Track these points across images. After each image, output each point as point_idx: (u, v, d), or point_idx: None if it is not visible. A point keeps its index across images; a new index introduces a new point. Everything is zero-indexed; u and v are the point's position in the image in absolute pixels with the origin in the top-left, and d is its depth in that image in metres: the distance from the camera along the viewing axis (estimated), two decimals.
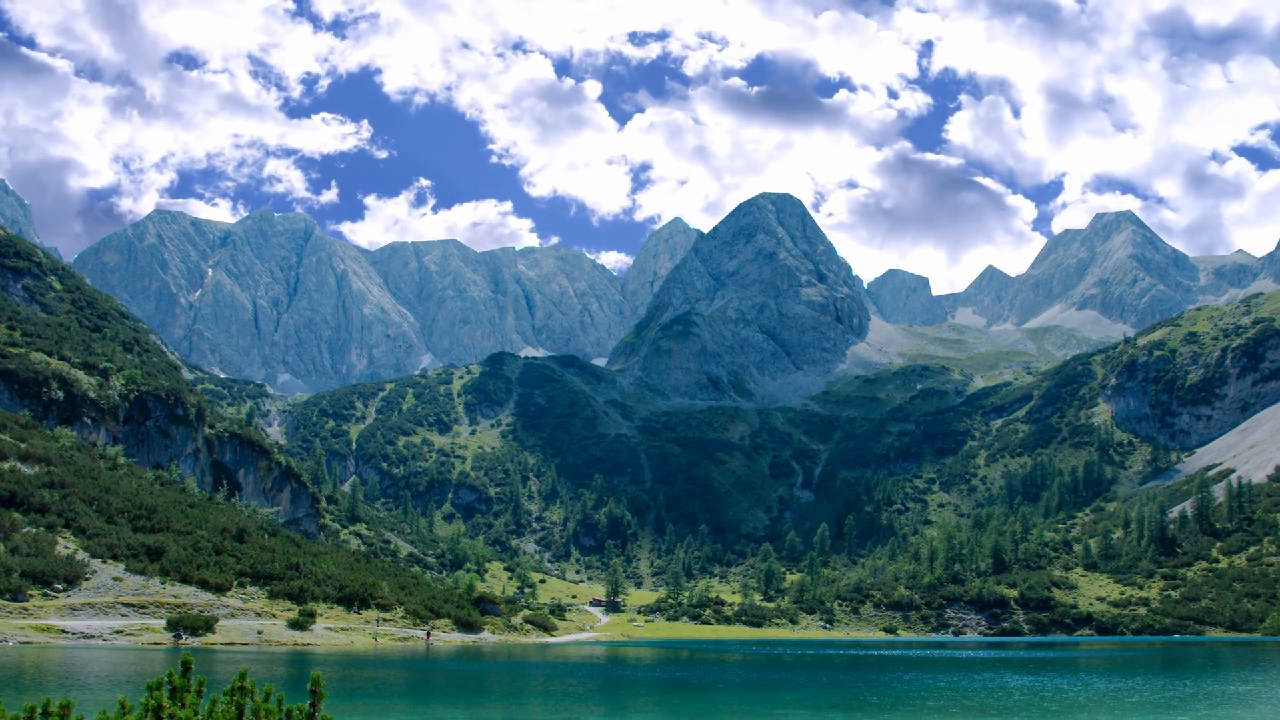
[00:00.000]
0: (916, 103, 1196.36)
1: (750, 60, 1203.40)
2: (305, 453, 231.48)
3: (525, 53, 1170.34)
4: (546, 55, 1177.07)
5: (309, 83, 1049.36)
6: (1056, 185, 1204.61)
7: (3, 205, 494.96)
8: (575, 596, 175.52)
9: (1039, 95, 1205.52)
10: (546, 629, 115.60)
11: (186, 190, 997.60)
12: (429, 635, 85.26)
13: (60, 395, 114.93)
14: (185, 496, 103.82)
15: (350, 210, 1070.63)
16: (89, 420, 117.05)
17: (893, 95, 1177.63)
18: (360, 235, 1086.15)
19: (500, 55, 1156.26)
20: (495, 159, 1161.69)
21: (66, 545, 74.48)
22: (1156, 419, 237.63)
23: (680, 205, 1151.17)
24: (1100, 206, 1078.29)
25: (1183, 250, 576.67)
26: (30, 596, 65.24)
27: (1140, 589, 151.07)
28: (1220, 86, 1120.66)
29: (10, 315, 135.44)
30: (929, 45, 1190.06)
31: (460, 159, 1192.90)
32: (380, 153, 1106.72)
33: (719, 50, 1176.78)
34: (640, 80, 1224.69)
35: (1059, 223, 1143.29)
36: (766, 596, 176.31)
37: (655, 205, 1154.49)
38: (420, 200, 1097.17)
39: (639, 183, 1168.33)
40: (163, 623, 65.56)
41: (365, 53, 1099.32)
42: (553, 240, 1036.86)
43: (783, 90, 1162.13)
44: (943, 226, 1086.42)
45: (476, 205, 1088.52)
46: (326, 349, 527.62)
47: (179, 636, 63.62)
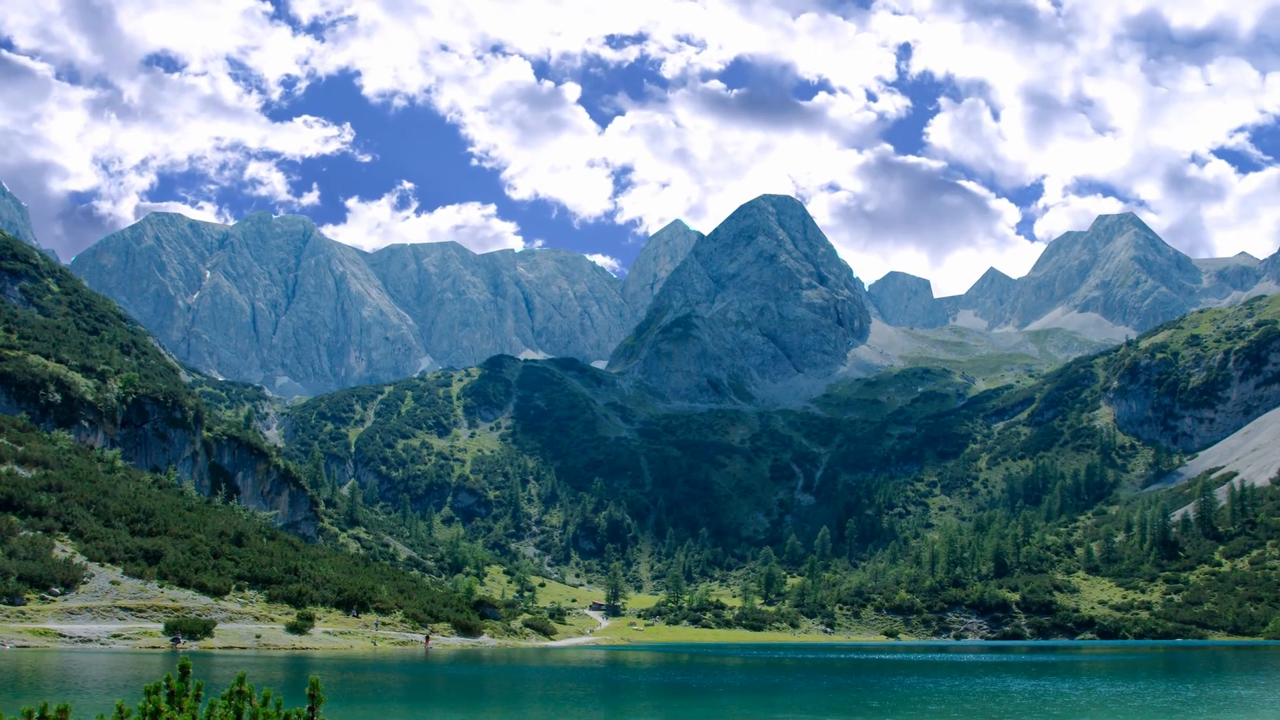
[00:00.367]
0: (895, 105, 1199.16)
1: (728, 62, 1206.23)
2: (304, 456, 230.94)
3: (505, 55, 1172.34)
4: (525, 58, 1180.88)
5: (288, 84, 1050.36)
6: (1037, 188, 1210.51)
7: (0, 207, 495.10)
8: (575, 600, 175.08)
9: (1017, 98, 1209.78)
10: (546, 633, 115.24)
11: (168, 193, 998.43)
12: (428, 639, 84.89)
13: (58, 398, 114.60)
14: (183, 500, 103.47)
15: (332, 213, 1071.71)
16: (86, 423, 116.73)
17: (871, 98, 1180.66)
18: (343, 239, 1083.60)
19: (479, 58, 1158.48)
20: (475, 161, 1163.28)
21: (64, 549, 74.22)
22: (1159, 422, 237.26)
23: (663, 208, 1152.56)
24: (1081, 209, 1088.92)
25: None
26: (27, 600, 65.05)
27: (1142, 593, 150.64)
28: (1199, 89, 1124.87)
29: (7, 317, 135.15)
30: (906, 48, 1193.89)
31: (441, 162, 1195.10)
32: (362, 156, 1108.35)
33: (697, 53, 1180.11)
34: (619, 83, 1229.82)
35: (1041, 226, 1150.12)
36: (767, 600, 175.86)
37: (637, 208, 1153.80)
38: (403, 203, 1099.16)
39: (620, 185, 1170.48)
40: (160, 626, 65.35)
41: (344, 55, 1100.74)
42: (537, 243, 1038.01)
43: (762, 92, 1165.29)
44: (925, 229, 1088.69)
45: (460, 208, 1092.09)
46: (325, 351, 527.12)
47: (177, 640, 63.52)
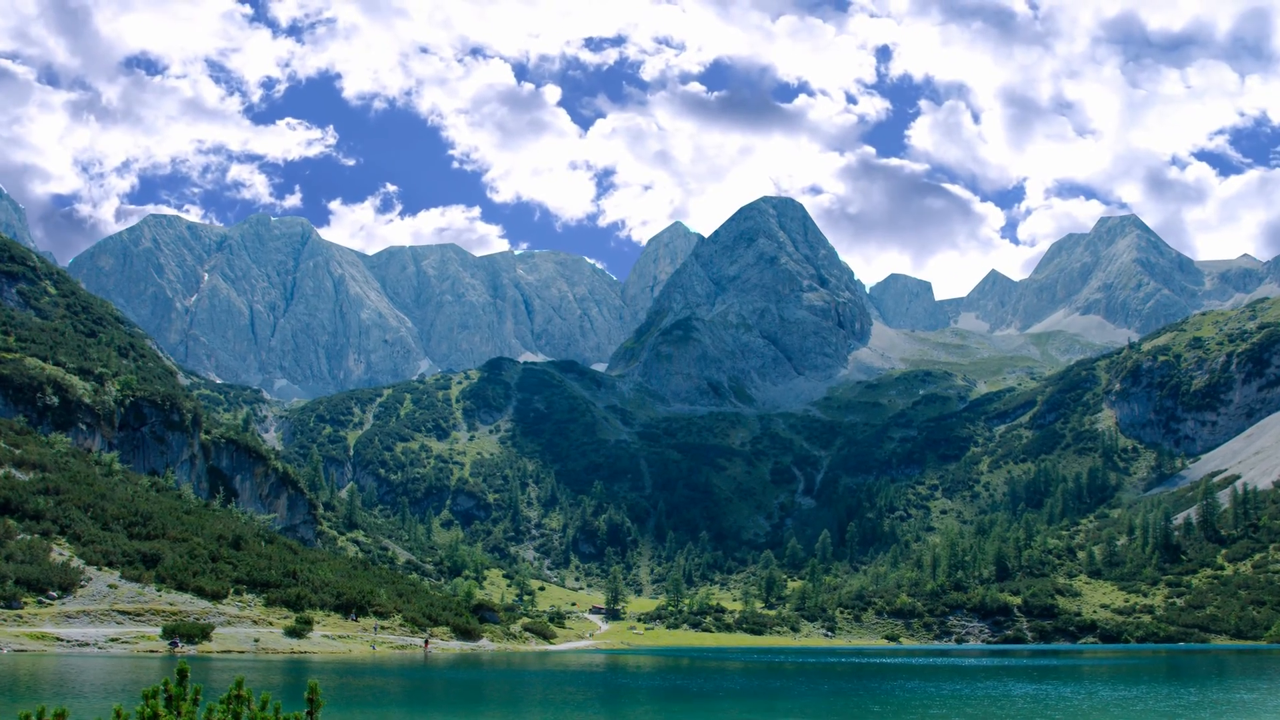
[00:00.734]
0: (875, 107, 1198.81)
1: (708, 64, 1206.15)
2: (302, 459, 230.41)
3: (485, 58, 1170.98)
4: (505, 60, 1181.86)
5: (269, 86, 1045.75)
6: (1019, 191, 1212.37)
7: None
8: (575, 604, 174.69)
9: (997, 100, 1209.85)
10: (546, 637, 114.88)
11: (150, 196, 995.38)
12: (427, 643, 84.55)
13: (55, 401, 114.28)
14: (181, 503, 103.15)
15: (316, 216, 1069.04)
16: (84, 426, 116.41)
17: (851, 100, 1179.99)
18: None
19: (460, 60, 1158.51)
20: (457, 164, 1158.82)
21: (61, 552, 74.04)
22: (1161, 425, 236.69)
23: (646, 210, 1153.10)
24: (1064, 212, 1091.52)
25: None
26: (25, 604, 64.96)
27: (1145, 596, 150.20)
28: (1179, 91, 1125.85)
29: (5, 320, 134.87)
30: (885, 50, 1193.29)
31: (423, 164, 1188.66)
32: (345, 159, 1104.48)
33: (676, 55, 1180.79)
34: (599, 85, 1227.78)
35: (1025, 229, 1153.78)
36: (768, 604, 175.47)
37: (620, 211, 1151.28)
38: (387, 206, 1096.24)
39: (603, 188, 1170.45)
40: (158, 630, 65.24)
41: (324, 57, 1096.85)
42: (523, 246, 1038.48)
43: (742, 95, 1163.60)
44: (907, 232, 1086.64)
45: (444, 211, 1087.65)
46: (324, 354, 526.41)
47: (175, 644, 63.40)
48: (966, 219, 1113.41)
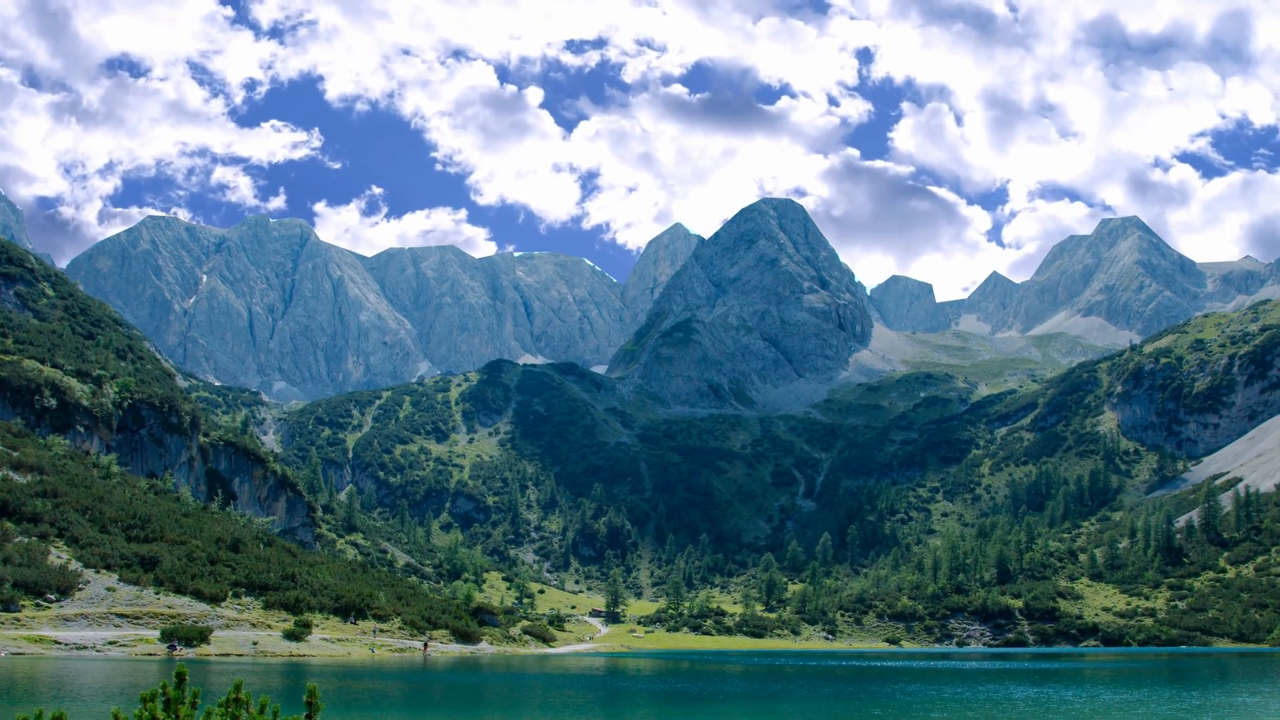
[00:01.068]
0: (857, 110, 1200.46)
1: (689, 67, 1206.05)
2: (301, 461, 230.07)
3: (468, 60, 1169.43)
4: (488, 62, 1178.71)
5: (251, 88, 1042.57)
6: (1002, 193, 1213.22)
7: None
8: (574, 607, 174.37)
9: (978, 102, 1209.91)
10: (545, 640, 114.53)
11: (134, 198, 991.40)
12: (426, 646, 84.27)
13: (53, 403, 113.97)
14: (179, 506, 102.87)
15: (302, 219, 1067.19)
16: (82, 428, 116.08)
17: (833, 102, 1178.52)
18: None
19: (442, 62, 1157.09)
20: (440, 167, 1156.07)
21: (59, 555, 73.88)
22: (1163, 427, 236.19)
23: (630, 213, 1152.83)
24: (1049, 215, 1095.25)
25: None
26: (22, 607, 64.88)
27: (1146, 599, 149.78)
28: (1160, 94, 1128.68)
29: (2, 322, 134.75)
30: (866, 52, 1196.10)
31: (407, 166, 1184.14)
32: (330, 161, 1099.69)
33: (657, 57, 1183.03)
34: (580, 87, 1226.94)
35: (1009, 232, 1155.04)
36: (768, 607, 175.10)
37: (605, 213, 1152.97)
38: (373, 208, 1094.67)
39: (587, 190, 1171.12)
40: (157, 633, 65.11)
41: (306, 59, 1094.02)
42: (509, 248, 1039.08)
43: (724, 97, 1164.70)
44: (892, 234, 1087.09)
45: (430, 213, 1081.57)
46: (323, 356, 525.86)
47: (173, 647, 63.31)
48: (952, 221, 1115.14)
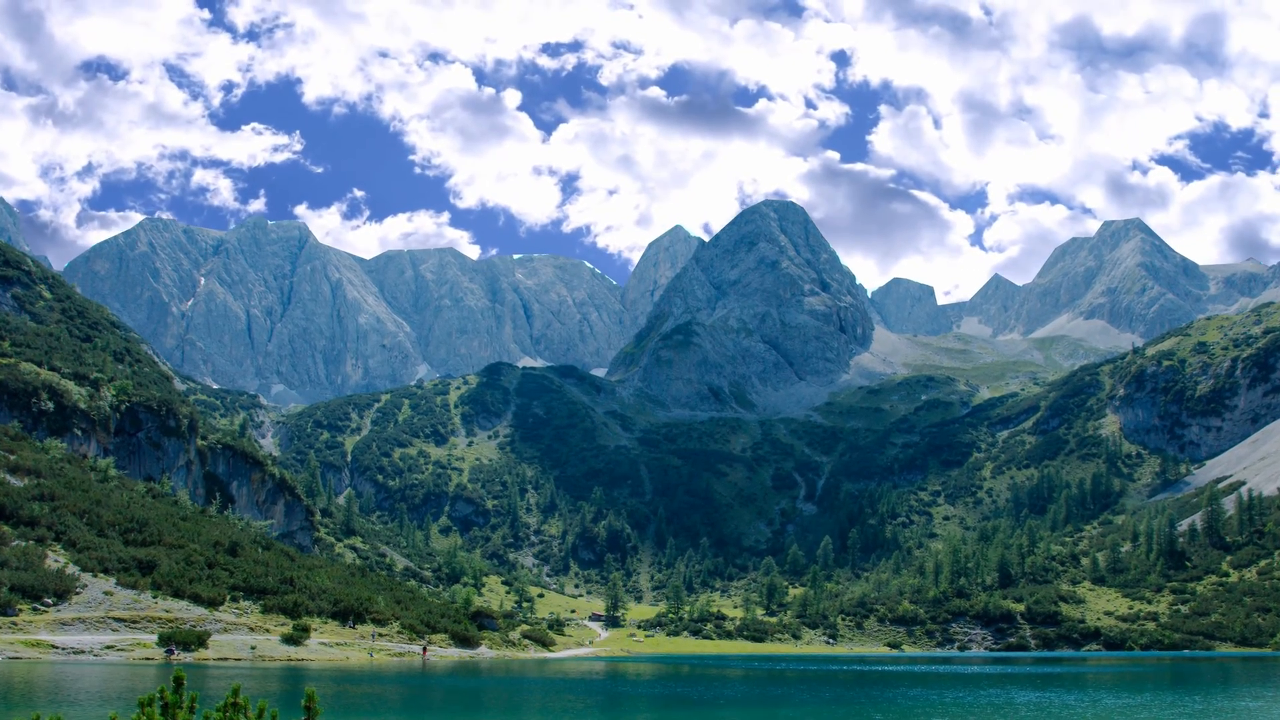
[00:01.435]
0: (835, 112, 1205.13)
1: (666, 69, 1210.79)
2: (299, 465, 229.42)
3: (446, 62, 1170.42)
4: (466, 65, 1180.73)
5: (229, 90, 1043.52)
6: (981, 196, 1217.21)
7: None
8: (574, 611, 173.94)
9: (955, 105, 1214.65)
10: (545, 644, 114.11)
11: (113, 201, 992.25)
12: (425, 650, 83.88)
13: (50, 406, 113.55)
14: (177, 509, 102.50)
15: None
16: (79, 432, 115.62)
17: (811, 105, 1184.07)
18: None
19: (420, 65, 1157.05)
20: (419, 170, 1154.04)
21: (56, 559, 73.61)
22: (1165, 430, 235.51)
23: (611, 216, 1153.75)
24: (1030, 218, 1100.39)
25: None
26: (19, 611, 64.63)
27: (1149, 603, 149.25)
28: (1138, 97, 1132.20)
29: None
30: (842, 55, 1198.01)
31: (387, 169, 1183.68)
32: (310, 164, 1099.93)
33: (634, 59, 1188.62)
34: (558, 90, 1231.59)
35: (990, 235, 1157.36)
36: (769, 611, 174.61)
37: (585, 216, 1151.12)
38: (354, 211, 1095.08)
39: (568, 193, 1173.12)
40: (154, 638, 64.87)
41: (284, 62, 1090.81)
42: (493, 251, 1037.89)
43: (702, 99, 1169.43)
44: (872, 237, 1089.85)
45: (411, 216, 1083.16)
46: (321, 359, 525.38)
47: (171, 652, 63.10)
48: (934, 225, 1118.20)
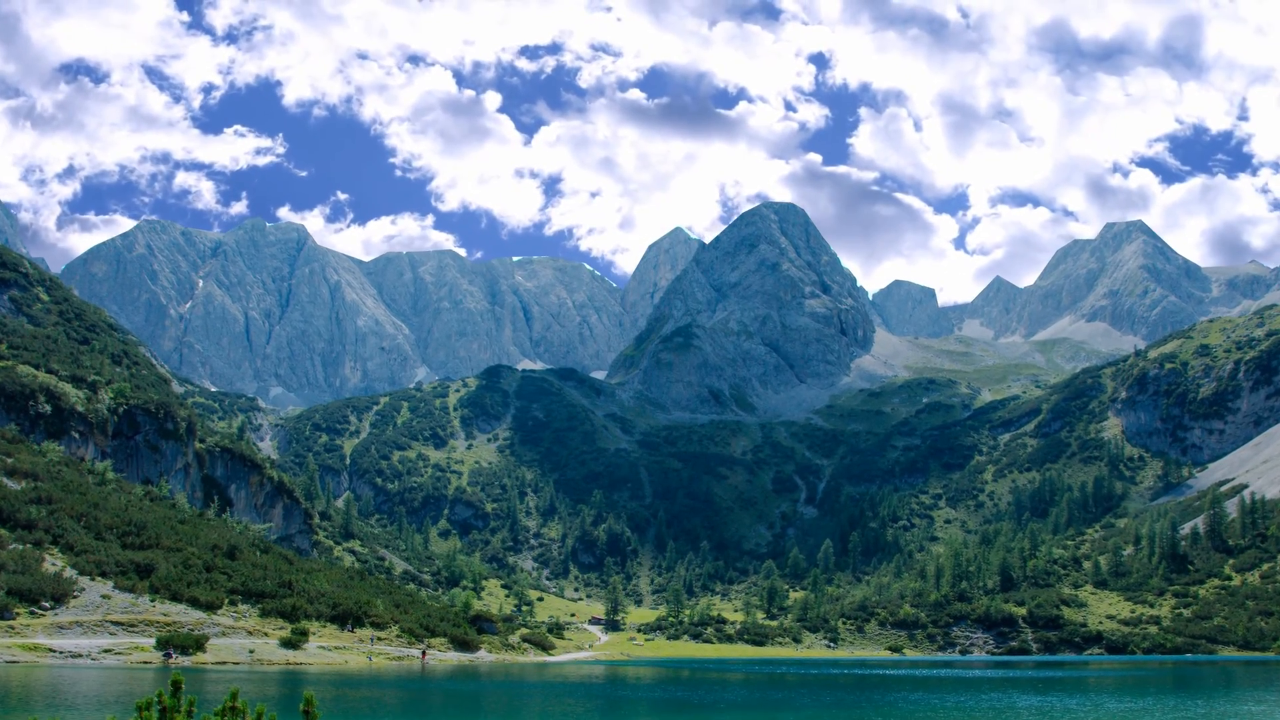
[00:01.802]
0: (814, 115, 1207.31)
1: (645, 71, 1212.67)
2: (298, 468, 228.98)
3: (426, 65, 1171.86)
4: (446, 67, 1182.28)
5: (208, 92, 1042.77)
6: (963, 198, 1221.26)
7: None
8: (574, 615, 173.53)
9: (935, 108, 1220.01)
10: (544, 648, 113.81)
11: (94, 204, 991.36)
12: (424, 654, 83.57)
13: (47, 409, 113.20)
14: (175, 512, 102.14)
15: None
16: (77, 434, 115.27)
17: (790, 108, 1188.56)
18: None
19: (400, 67, 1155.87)
20: (399, 173, 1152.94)
21: (54, 562, 73.39)
22: (1168, 433, 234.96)
23: (593, 218, 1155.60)
24: (1013, 221, 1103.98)
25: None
26: (17, 615, 64.54)
27: (1151, 607, 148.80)
28: (1118, 99, 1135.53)
29: None
30: (821, 57, 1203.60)
31: (368, 172, 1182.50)
32: (292, 166, 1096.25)
33: (613, 61, 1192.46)
34: (537, 92, 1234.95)
35: (973, 239, 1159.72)
36: (769, 615, 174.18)
37: (567, 219, 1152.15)
38: (337, 214, 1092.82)
39: (550, 195, 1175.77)
40: (152, 641, 64.78)
41: (263, 65, 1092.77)
42: (478, 254, 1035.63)
43: (682, 101, 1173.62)
44: (855, 240, 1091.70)
45: (394, 219, 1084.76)
46: (320, 362, 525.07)
47: (169, 655, 62.99)
48: (917, 228, 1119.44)
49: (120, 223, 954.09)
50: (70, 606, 68.15)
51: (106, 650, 61.76)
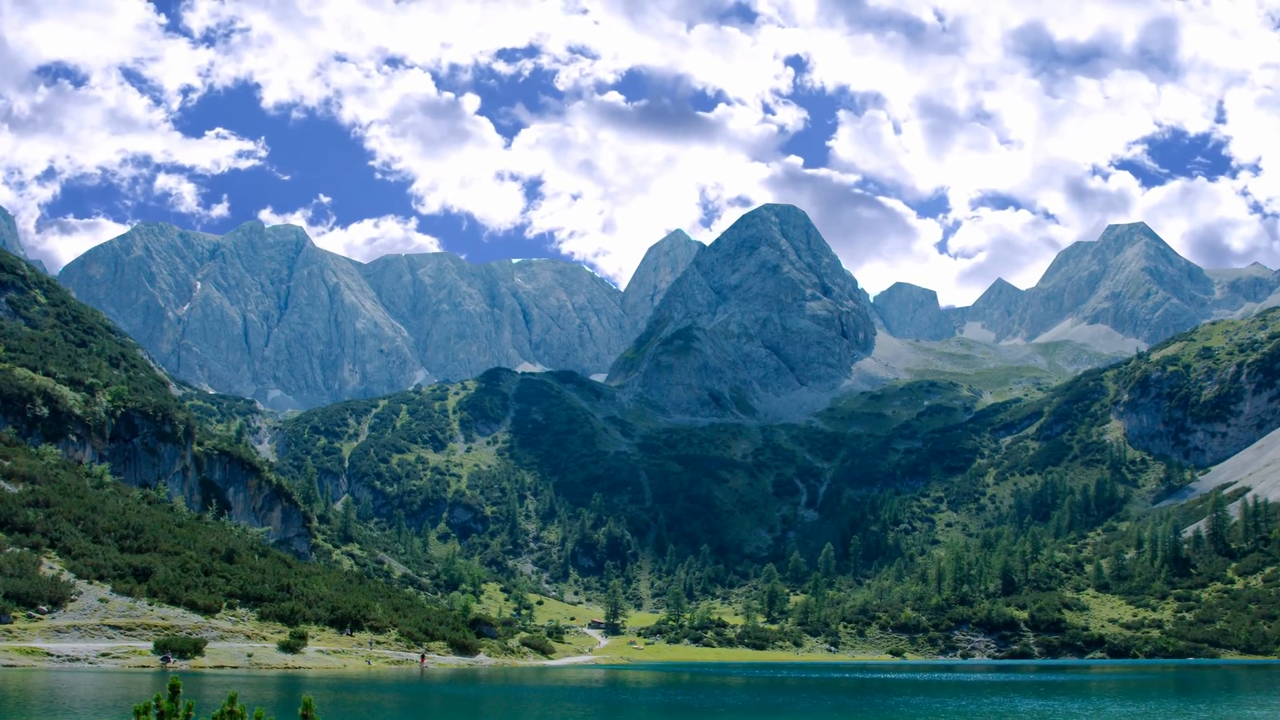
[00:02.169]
0: (793, 117, 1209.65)
1: (623, 74, 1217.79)
2: (296, 471, 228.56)
3: (405, 67, 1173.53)
4: (425, 70, 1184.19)
5: (187, 94, 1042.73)
6: (943, 201, 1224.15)
7: None
8: (573, 618, 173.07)
9: (913, 110, 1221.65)
10: (544, 652, 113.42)
11: (74, 206, 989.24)
12: (423, 658, 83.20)
13: (45, 412, 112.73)
14: (173, 516, 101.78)
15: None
16: (74, 437, 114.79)
17: (769, 110, 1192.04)
18: None
19: (378, 70, 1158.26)
20: (379, 175, 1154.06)
21: (51, 566, 73.11)
22: (1170, 436, 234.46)
23: (575, 221, 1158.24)
24: (995, 224, 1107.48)
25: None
26: (14, 618, 64.25)
27: (1153, 610, 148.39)
28: (1097, 102, 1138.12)
29: None
30: (798, 60, 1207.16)
31: (349, 175, 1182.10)
32: (276, 170, 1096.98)
33: (591, 64, 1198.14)
34: (515, 95, 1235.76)
35: (955, 242, 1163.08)
36: (770, 618, 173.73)
37: (549, 221, 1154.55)
38: (320, 217, 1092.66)
39: (531, 197, 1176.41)
40: (150, 645, 64.48)
41: (241, 67, 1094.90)
42: (462, 257, 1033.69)
43: (660, 104, 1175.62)
44: (837, 243, 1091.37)
45: (377, 222, 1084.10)
46: (318, 364, 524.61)
47: (167, 659, 62.74)
48: (899, 231, 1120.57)
49: (103, 225, 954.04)
50: (68, 610, 67.82)
51: (104, 654, 61.43)
